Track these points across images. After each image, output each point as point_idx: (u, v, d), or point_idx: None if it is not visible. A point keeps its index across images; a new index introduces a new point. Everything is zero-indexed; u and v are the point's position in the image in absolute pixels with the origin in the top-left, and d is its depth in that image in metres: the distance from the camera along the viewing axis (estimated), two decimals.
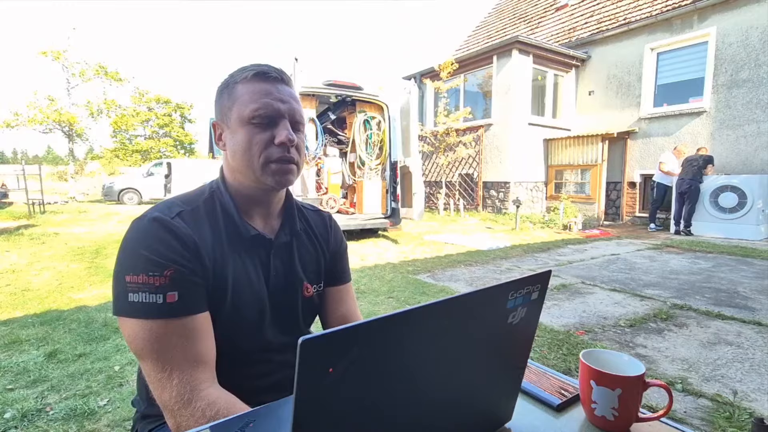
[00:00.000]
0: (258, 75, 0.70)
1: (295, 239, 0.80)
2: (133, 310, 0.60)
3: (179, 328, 0.62)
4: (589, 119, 8.74)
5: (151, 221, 0.64)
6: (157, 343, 0.60)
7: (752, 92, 6.56)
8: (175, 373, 0.60)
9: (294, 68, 4.69)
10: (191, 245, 0.65)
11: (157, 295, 0.61)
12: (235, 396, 0.63)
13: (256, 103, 0.68)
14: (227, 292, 0.69)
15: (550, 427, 0.57)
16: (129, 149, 23.21)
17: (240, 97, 0.69)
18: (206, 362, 0.64)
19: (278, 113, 0.69)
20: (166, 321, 0.61)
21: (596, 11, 9.23)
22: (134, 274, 0.61)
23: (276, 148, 0.69)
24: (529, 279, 0.48)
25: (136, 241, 0.63)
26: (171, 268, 0.62)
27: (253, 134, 0.69)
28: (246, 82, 0.70)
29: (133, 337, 0.61)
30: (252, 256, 0.73)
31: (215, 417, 0.58)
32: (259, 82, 0.69)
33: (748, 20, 6.56)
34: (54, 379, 1.87)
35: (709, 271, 4.00)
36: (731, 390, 1.76)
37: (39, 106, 14.82)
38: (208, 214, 0.71)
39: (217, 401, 0.60)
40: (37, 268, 4.04)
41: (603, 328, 2.53)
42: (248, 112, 0.68)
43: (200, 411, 0.59)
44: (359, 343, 0.32)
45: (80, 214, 8.82)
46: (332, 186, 6.10)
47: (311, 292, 0.82)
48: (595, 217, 7.96)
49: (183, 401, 0.59)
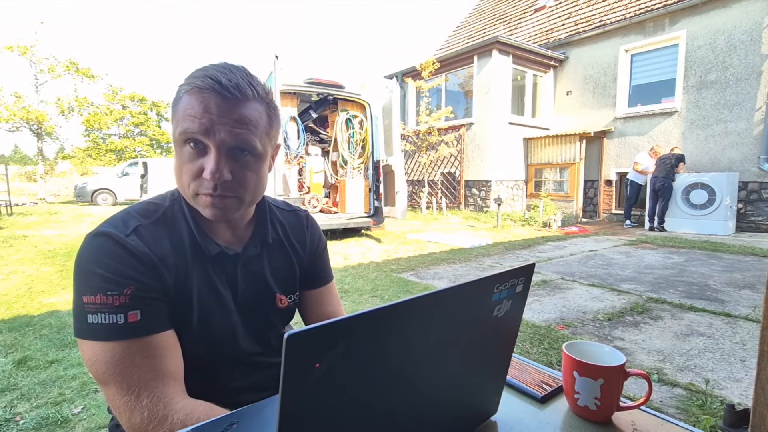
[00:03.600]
0: (199, 90, 0.58)
1: (266, 250, 0.75)
2: (93, 332, 0.56)
3: (144, 348, 0.58)
4: (567, 119, 8.95)
5: (104, 237, 0.60)
6: (120, 365, 0.56)
7: (720, 93, 6.84)
8: (143, 393, 0.56)
9: (274, 66, 4.63)
10: (149, 263, 0.60)
11: (118, 315, 0.56)
12: (211, 403, 0.61)
13: (187, 122, 0.58)
14: (192, 308, 0.65)
15: (535, 419, 0.57)
16: (102, 148, 22.50)
17: (179, 111, 0.60)
18: (175, 377, 0.60)
19: (208, 139, 0.59)
20: (129, 342, 0.57)
21: (573, 13, 9.44)
22: (91, 294, 0.56)
23: (206, 181, 0.60)
24: (514, 272, 0.48)
25: (89, 259, 0.59)
26: (131, 286, 0.58)
27: (184, 160, 0.61)
28: (189, 94, 0.59)
29: (93, 360, 0.56)
30: (217, 272, 0.69)
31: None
32: (196, 96, 0.58)
33: (716, 24, 6.83)
34: (24, 387, 1.79)
35: (681, 266, 4.15)
36: (704, 379, 1.83)
37: (5, 103, 14.19)
38: (168, 226, 0.66)
39: (194, 410, 0.58)
40: (4, 272, 3.86)
41: (582, 323, 2.59)
42: (180, 130, 0.59)
43: (180, 423, 0.56)
44: (346, 338, 0.32)
45: (51, 215, 8.49)
46: (314, 185, 6.05)
47: (286, 303, 0.78)
48: (573, 214, 8.15)
49: (158, 419, 0.56)
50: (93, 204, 12.22)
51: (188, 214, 0.67)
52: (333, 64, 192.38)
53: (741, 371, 1.91)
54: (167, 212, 0.67)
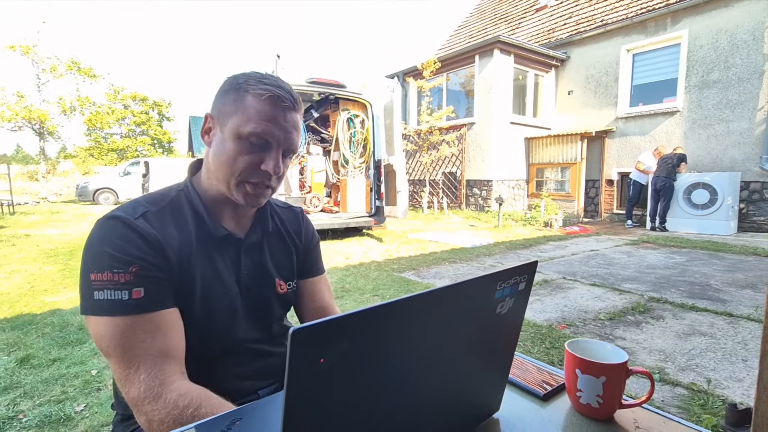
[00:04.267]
0: (273, 99, 0.68)
1: (266, 238, 0.81)
2: (98, 308, 0.60)
3: (146, 324, 0.61)
4: (569, 118, 8.93)
5: (115, 220, 0.64)
6: (123, 339, 0.59)
7: (722, 93, 6.82)
8: (142, 367, 0.59)
9: (276, 65, 4.64)
10: (155, 243, 0.65)
11: (123, 291, 0.60)
12: (207, 389, 0.62)
13: (258, 125, 0.67)
14: (195, 291, 0.68)
15: (537, 417, 0.58)
16: (104, 148, 22.54)
17: (245, 110, 0.67)
18: (175, 356, 0.63)
19: (275, 141, 0.69)
20: (132, 317, 0.60)
21: (574, 13, 9.42)
22: (99, 272, 0.60)
23: (258, 172, 0.69)
24: (517, 269, 0.48)
25: (99, 239, 0.63)
26: (136, 265, 0.62)
27: (242, 151, 0.68)
28: (258, 99, 0.67)
29: (99, 335, 0.60)
30: (222, 255, 0.73)
31: (188, 407, 0.57)
32: (271, 105, 0.68)
33: (718, 24, 6.81)
34: (27, 385, 1.80)
35: (683, 266, 4.14)
36: (705, 378, 1.83)
37: (7, 103, 14.21)
38: (174, 214, 0.71)
39: (189, 392, 0.60)
40: (6, 270, 3.87)
41: (584, 322, 2.59)
42: (247, 130, 0.67)
43: (172, 402, 0.58)
44: (350, 333, 0.32)
45: (53, 215, 8.51)
46: (316, 185, 6.05)
47: (285, 288, 0.82)
48: (574, 214, 8.14)
49: (152, 395, 0.58)
50: (95, 203, 12.25)
51: (198, 201, 0.72)
52: (334, 63, 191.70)
53: (743, 371, 1.91)
54: (173, 201, 0.72)
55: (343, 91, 5.62)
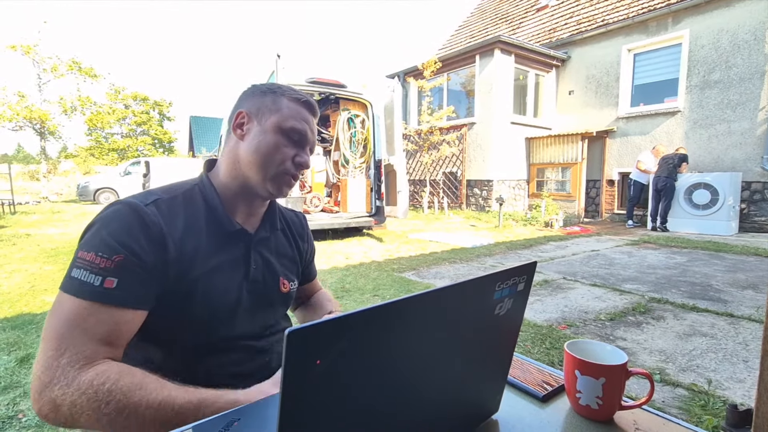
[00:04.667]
0: (305, 103, 0.79)
1: (274, 235, 0.85)
2: (70, 285, 0.58)
3: (102, 315, 0.58)
4: (569, 118, 8.92)
5: (124, 205, 0.65)
6: (70, 323, 0.56)
7: (723, 93, 6.81)
8: (68, 352, 0.54)
9: (276, 65, 4.63)
10: (156, 235, 0.64)
11: (97, 276, 0.58)
12: (136, 367, 0.58)
13: (298, 122, 0.76)
14: (198, 284, 0.68)
15: (536, 418, 0.57)
16: (105, 148, 22.55)
17: (284, 109, 0.76)
18: (112, 347, 0.59)
19: (308, 139, 0.79)
20: (92, 304, 0.57)
21: (575, 12, 9.41)
22: (86, 251, 0.60)
23: (293, 165, 0.77)
24: (516, 270, 0.48)
25: (102, 221, 0.64)
26: (121, 255, 0.60)
27: (283, 144, 0.76)
28: (293, 102, 0.78)
29: (53, 311, 0.57)
30: (232, 249, 0.75)
31: (104, 383, 0.54)
32: (303, 108, 0.79)
33: (719, 24, 6.80)
34: (26, 385, 1.80)
35: (684, 266, 4.13)
36: (706, 379, 1.83)
37: (8, 103, 14.23)
38: (186, 204, 0.72)
39: (108, 369, 0.55)
40: (7, 270, 3.88)
41: (584, 322, 2.58)
42: (289, 125, 0.76)
43: (87, 382, 0.53)
44: (347, 334, 0.32)
45: (54, 214, 8.52)
46: (316, 184, 6.05)
47: (288, 287, 0.85)
48: (575, 214, 8.13)
49: (67, 380, 0.53)
50: (95, 203, 12.26)
51: (213, 196, 0.75)
52: (335, 63, 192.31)
53: (744, 372, 1.90)
54: (186, 193, 0.74)
55: (343, 91, 5.61)
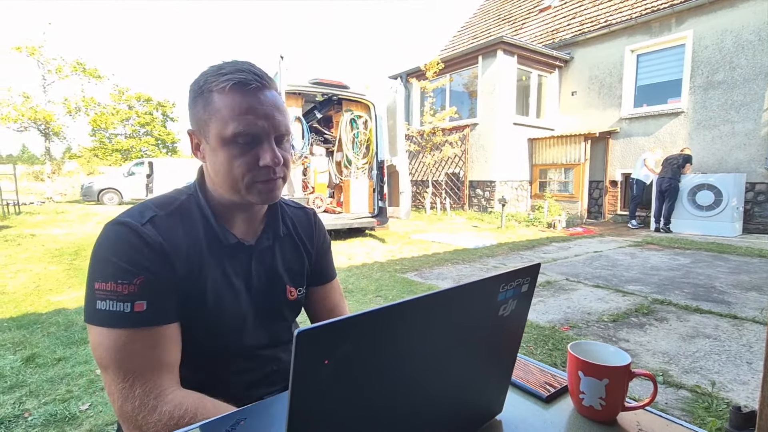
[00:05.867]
0: (237, 85, 0.62)
1: (278, 243, 0.79)
2: (100, 318, 0.58)
3: (146, 338, 0.60)
4: (572, 119, 8.90)
5: (121, 226, 0.62)
6: (121, 352, 0.58)
7: (727, 94, 6.78)
8: (137, 382, 0.58)
9: (279, 66, 4.65)
10: (160, 252, 0.63)
11: (125, 303, 0.59)
12: (203, 394, 0.62)
13: (236, 122, 0.62)
14: (206, 298, 0.67)
15: (540, 419, 0.58)
16: (109, 148, 22.63)
17: (218, 112, 0.63)
18: (170, 369, 0.62)
19: (262, 131, 0.64)
20: (132, 331, 0.59)
21: (578, 13, 9.39)
22: (103, 282, 0.59)
23: (261, 169, 0.65)
24: (519, 272, 0.49)
25: (106, 247, 0.61)
26: (141, 276, 0.60)
27: (235, 156, 0.64)
28: (224, 94, 0.63)
29: (97, 344, 0.59)
30: (233, 262, 0.72)
31: (183, 416, 0.57)
32: (238, 94, 0.62)
33: (723, 24, 6.78)
34: (32, 384, 1.81)
35: (687, 267, 4.12)
36: (710, 381, 1.82)
37: (13, 104, 14.32)
38: (183, 219, 0.68)
39: (183, 401, 0.59)
40: (12, 270, 3.90)
41: (587, 324, 2.58)
42: (229, 133, 0.62)
43: (167, 414, 0.57)
44: (354, 335, 0.32)
45: (58, 215, 8.56)
46: (319, 185, 6.06)
47: (295, 295, 0.81)
48: (578, 215, 8.11)
49: (148, 409, 0.57)
50: (99, 203, 12.31)
51: (206, 208, 0.70)
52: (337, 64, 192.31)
53: (747, 374, 1.90)
54: (183, 205, 0.70)
55: (346, 92, 5.62)
